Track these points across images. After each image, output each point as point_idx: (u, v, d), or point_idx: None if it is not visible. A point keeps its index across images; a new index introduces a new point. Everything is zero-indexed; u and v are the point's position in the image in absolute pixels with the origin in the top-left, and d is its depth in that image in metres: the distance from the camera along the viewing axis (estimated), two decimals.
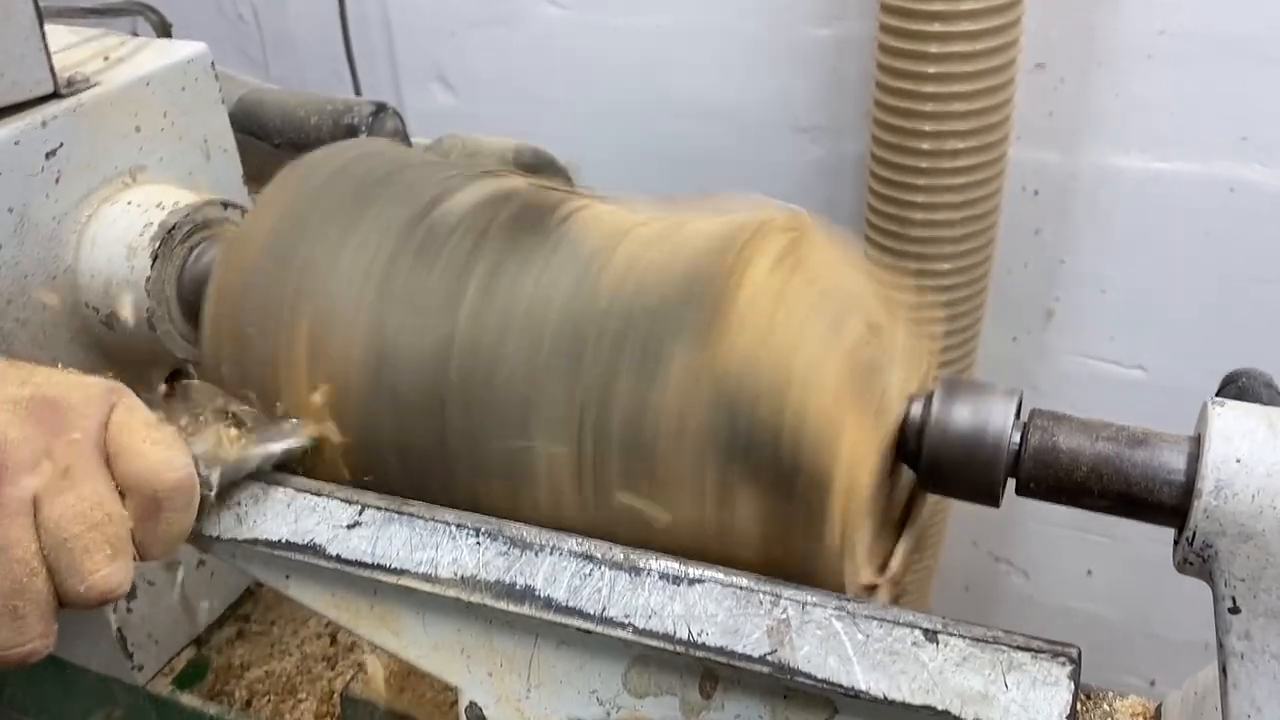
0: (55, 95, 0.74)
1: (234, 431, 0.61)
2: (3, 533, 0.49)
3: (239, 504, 0.61)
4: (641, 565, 0.55)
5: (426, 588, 0.57)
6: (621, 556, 0.56)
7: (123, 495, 0.53)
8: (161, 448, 0.54)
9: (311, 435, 0.63)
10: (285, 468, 0.62)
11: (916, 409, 0.59)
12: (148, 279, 0.73)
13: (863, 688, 0.50)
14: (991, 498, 0.58)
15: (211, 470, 0.58)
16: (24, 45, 0.72)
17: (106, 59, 0.80)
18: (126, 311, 0.74)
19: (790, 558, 0.55)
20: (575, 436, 0.57)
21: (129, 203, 0.76)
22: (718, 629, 0.53)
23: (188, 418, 0.60)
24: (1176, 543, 0.53)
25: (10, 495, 0.49)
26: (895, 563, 0.61)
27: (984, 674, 0.50)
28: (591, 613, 0.54)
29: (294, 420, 0.63)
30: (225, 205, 0.77)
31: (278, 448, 0.62)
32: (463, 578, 0.56)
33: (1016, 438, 0.57)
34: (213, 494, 0.58)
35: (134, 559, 0.53)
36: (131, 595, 0.85)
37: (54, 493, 0.50)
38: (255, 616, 0.95)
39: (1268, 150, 1.38)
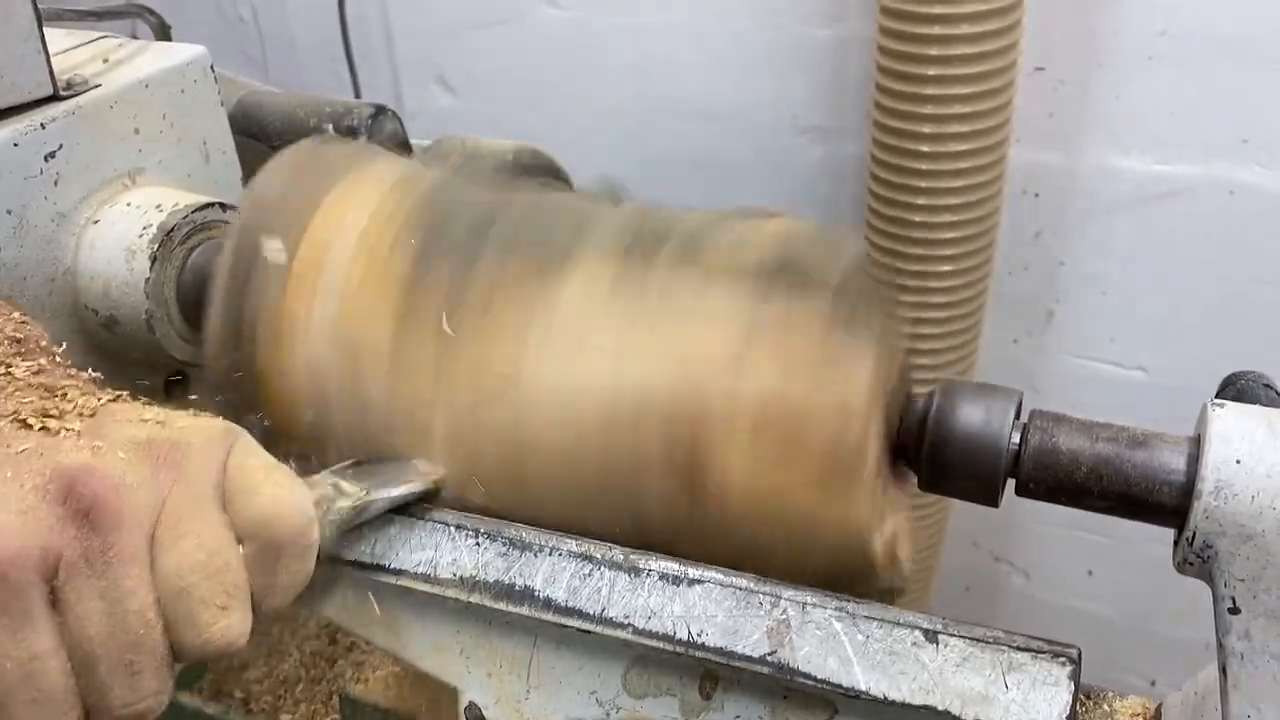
0: (54, 97, 0.74)
1: (350, 475, 0.58)
2: (119, 583, 0.46)
3: None
4: (641, 566, 0.55)
5: (426, 588, 0.57)
6: (621, 557, 0.56)
7: (240, 542, 0.50)
8: (282, 492, 0.51)
9: (434, 480, 0.60)
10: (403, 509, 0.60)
11: (917, 409, 0.59)
12: (147, 281, 0.73)
13: (863, 688, 0.50)
14: (991, 498, 0.58)
15: (331, 517, 0.55)
16: (23, 47, 0.72)
17: (106, 61, 0.80)
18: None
19: (812, 380, 0.55)
20: (622, 244, 0.60)
21: (128, 205, 0.76)
22: (717, 629, 0.53)
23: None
24: (1176, 543, 0.53)
25: (127, 543, 0.46)
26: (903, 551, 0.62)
27: (984, 674, 0.50)
28: (591, 613, 0.54)
29: (412, 461, 0.61)
30: (224, 207, 0.77)
31: (398, 492, 0.59)
32: (462, 578, 0.56)
33: (1016, 438, 0.57)
34: (331, 540, 0.55)
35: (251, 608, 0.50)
36: None
37: (171, 539, 0.48)
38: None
39: (1268, 152, 1.38)
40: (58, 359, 0.56)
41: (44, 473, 0.46)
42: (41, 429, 0.49)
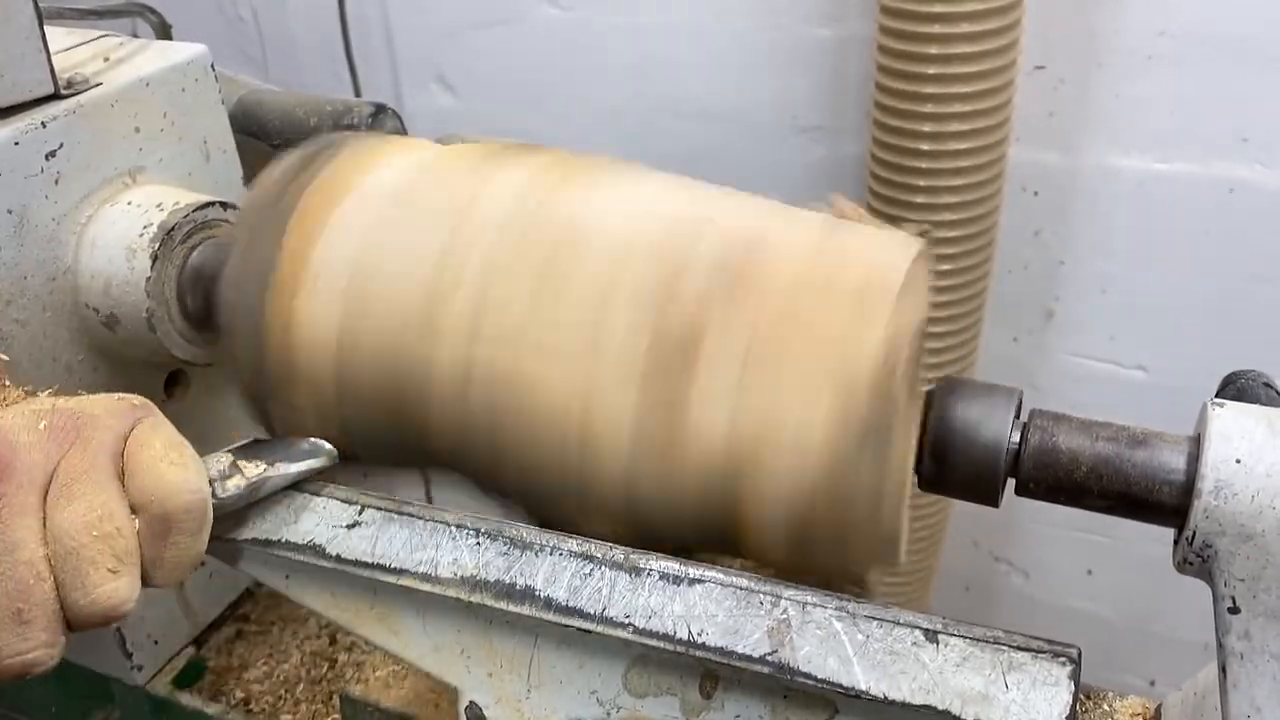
0: (55, 96, 0.74)
1: (248, 453, 0.60)
2: (8, 533, 0.48)
3: None
4: (641, 565, 0.55)
5: (426, 588, 0.57)
6: (622, 557, 0.56)
7: (135, 513, 0.51)
8: (178, 468, 0.52)
9: (332, 455, 0.62)
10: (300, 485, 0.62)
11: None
12: (147, 279, 0.73)
13: (863, 688, 0.50)
14: (991, 498, 0.58)
15: (227, 493, 0.57)
16: (24, 46, 0.72)
17: (106, 60, 0.80)
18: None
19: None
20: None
21: (129, 203, 0.76)
22: (718, 629, 0.53)
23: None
24: (1176, 543, 0.53)
25: (17, 496, 0.48)
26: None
27: (984, 674, 0.50)
28: (591, 613, 0.54)
29: (312, 440, 0.62)
30: (225, 206, 0.77)
31: (296, 469, 0.61)
32: (463, 578, 0.56)
33: (1016, 438, 0.57)
34: (230, 513, 0.58)
35: (141, 580, 0.52)
36: None
37: (63, 500, 0.49)
38: (254, 617, 0.95)
39: (1268, 151, 1.38)
40: (7, 384, 0.57)
41: None
42: None
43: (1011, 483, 0.58)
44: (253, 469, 0.59)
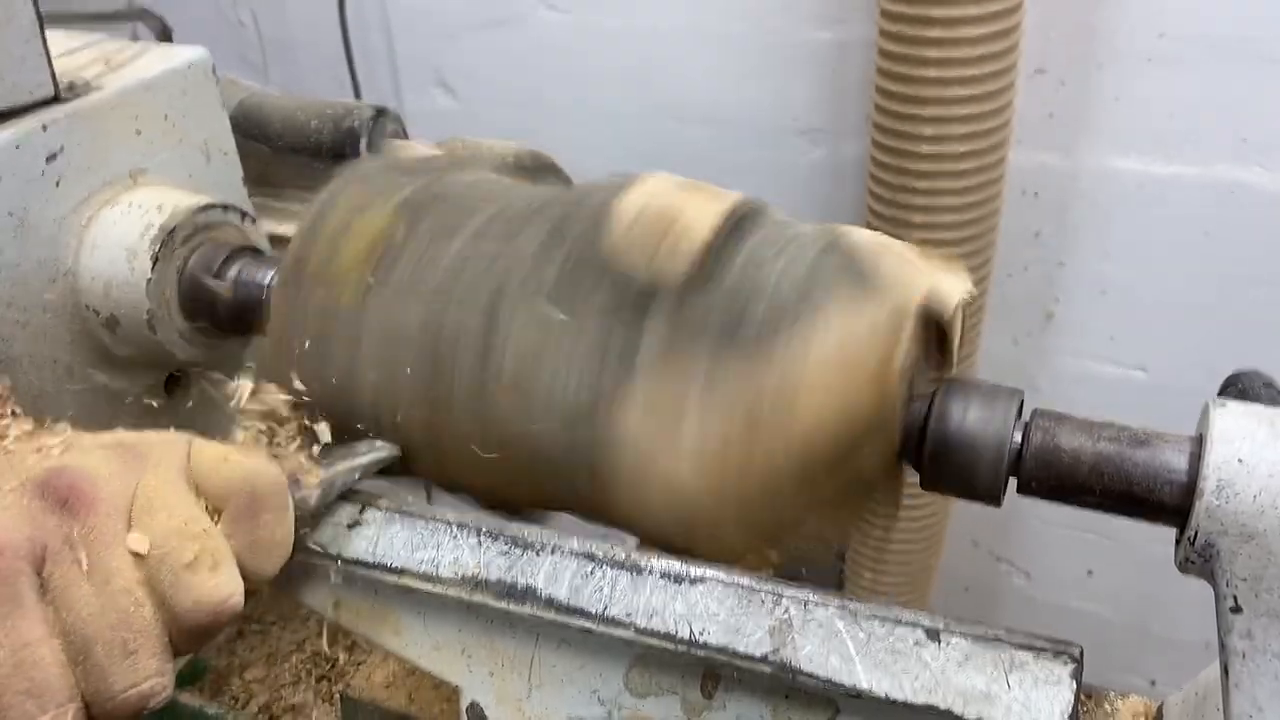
0: (56, 99, 0.74)
1: (315, 452, 0.61)
2: (104, 563, 0.48)
3: None
4: (643, 565, 0.55)
5: (427, 587, 0.57)
6: (623, 556, 0.56)
7: (218, 512, 0.52)
8: (250, 458, 0.54)
9: (393, 450, 0.62)
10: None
11: (919, 408, 0.59)
12: (148, 281, 0.73)
13: (865, 687, 0.50)
14: (993, 497, 0.58)
15: (302, 493, 0.57)
16: (25, 49, 0.72)
17: (107, 63, 0.80)
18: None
19: None
20: None
21: (129, 205, 0.76)
22: (719, 628, 0.53)
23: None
24: (1178, 542, 0.53)
25: (107, 525, 0.49)
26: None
27: (986, 673, 0.50)
28: (593, 612, 0.54)
29: (368, 440, 0.63)
30: (225, 208, 0.77)
31: (363, 461, 0.61)
32: (464, 577, 0.56)
33: (1018, 437, 0.57)
34: (308, 513, 0.58)
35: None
36: None
37: (147, 516, 0.50)
38: (255, 616, 0.95)
39: (1267, 153, 1.38)
40: (17, 412, 0.58)
41: (19, 477, 0.49)
42: (9, 454, 0.52)
43: (1013, 482, 0.58)
44: (318, 468, 0.59)
